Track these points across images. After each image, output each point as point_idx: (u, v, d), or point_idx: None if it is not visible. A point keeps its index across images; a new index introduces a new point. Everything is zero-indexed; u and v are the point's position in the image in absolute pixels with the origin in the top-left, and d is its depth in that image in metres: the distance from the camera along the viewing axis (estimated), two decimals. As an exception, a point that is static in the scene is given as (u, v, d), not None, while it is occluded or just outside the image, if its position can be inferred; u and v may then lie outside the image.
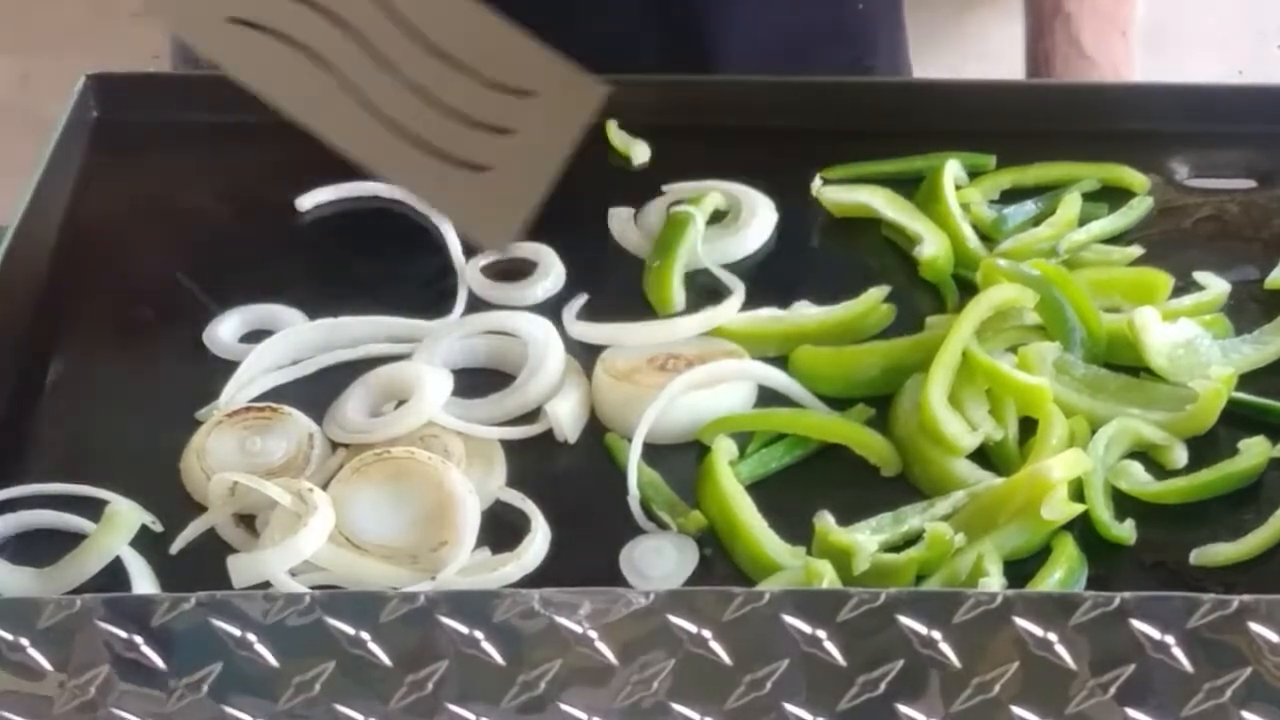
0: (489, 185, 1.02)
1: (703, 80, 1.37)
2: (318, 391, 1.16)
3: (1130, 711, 0.90)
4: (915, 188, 1.29)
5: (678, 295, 1.21)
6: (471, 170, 1.02)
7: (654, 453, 1.11)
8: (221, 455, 1.10)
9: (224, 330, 1.20)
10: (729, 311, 1.19)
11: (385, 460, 1.08)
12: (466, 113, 1.01)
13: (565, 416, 1.13)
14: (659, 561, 1.06)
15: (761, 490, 1.09)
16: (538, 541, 1.06)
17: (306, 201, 1.28)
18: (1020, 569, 1.04)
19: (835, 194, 1.29)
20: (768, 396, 1.15)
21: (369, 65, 1.02)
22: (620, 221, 1.28)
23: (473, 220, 1.05)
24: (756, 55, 1.45)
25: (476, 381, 1.16)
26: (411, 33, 1.01)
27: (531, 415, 1.14)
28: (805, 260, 1.25)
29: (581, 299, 1.21)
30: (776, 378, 1.15)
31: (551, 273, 1.23)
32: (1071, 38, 1.50)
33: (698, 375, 1.13)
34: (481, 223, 1.05)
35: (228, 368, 1.17)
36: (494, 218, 1.04)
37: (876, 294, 1.21)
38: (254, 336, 1.19)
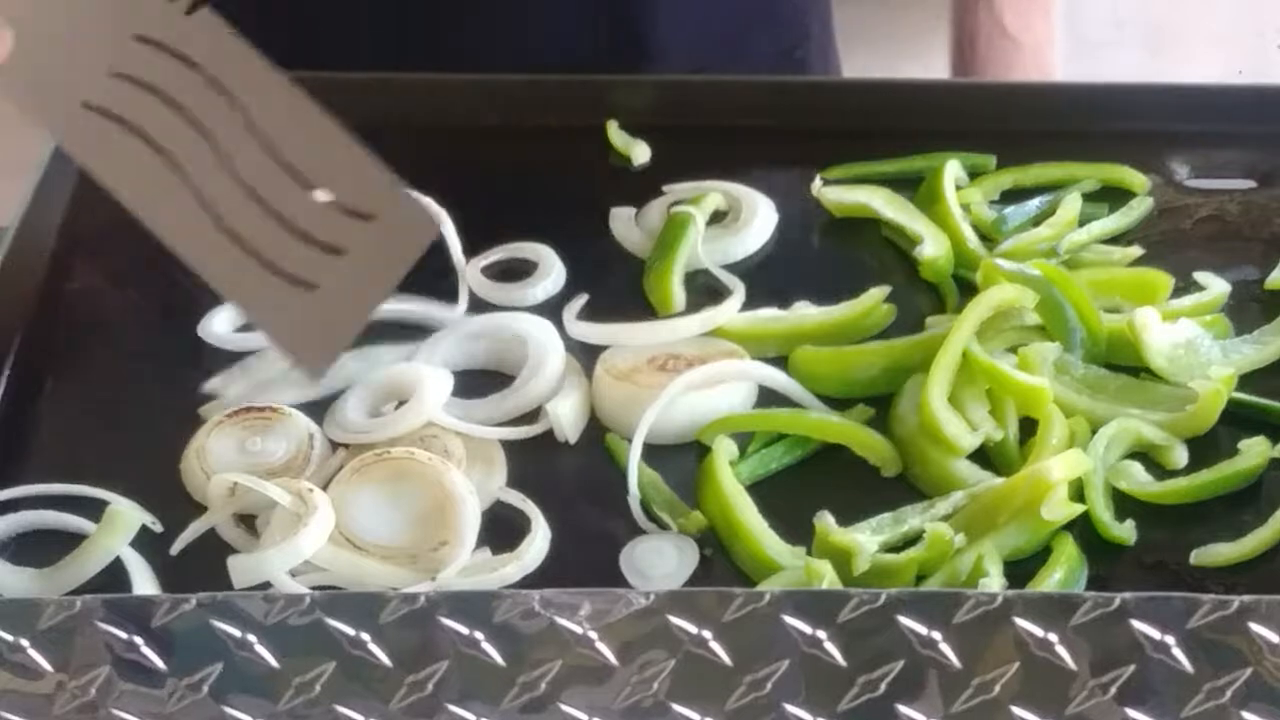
0: (314, 305, 1.01)
1: (703, 80, 1.37)
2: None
3: (1130, 712, 0.90)
4: (915, 188, 1.29)
5: (678, 295, 1.21)
6: (299, 287, 1.01)
7: (654, 453, 1.11)
8: (222, 455, 1.10)
9: (218, 322, 1.20)
10: (729, 311, 1.19)
11: (385, 460, 1.08)
12: (303, 227, 1.01)
13: (566, 416, 1.13)
14: (659, 561, 1.06)
15: (761, 490, 1.09)
16: (538, 541, 1.06)
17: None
18: (1020, 569, 1.04)
19: (835, 194, 1.29)
20: (768, 396, 1.15)
21: (214, 165, 1.01)
22: (621, 221, 1.28)
23: (292, 338, 1.04)
24: (690, 45, 1.45)
25: (476, 382, 1.16)
26: (260, 139, 1.01)
27: (531, 415, 1.14)
28: (805, 260, 1.25)
29: (582, 299, 1.21)
30: (776, 378, 1.15)
31: (552, 273, 1.23)
32: (995, 18, 1.50)
33: (698, 375, 1.13)
34: (302, 342, 1.04)
35: (226, 366, 1.18)
36: (314, 339, 1.03)
37: (876, 294, 1.21)
38: (251, 327, 1.19)
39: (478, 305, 1.22)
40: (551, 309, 1.21)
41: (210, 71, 1.00)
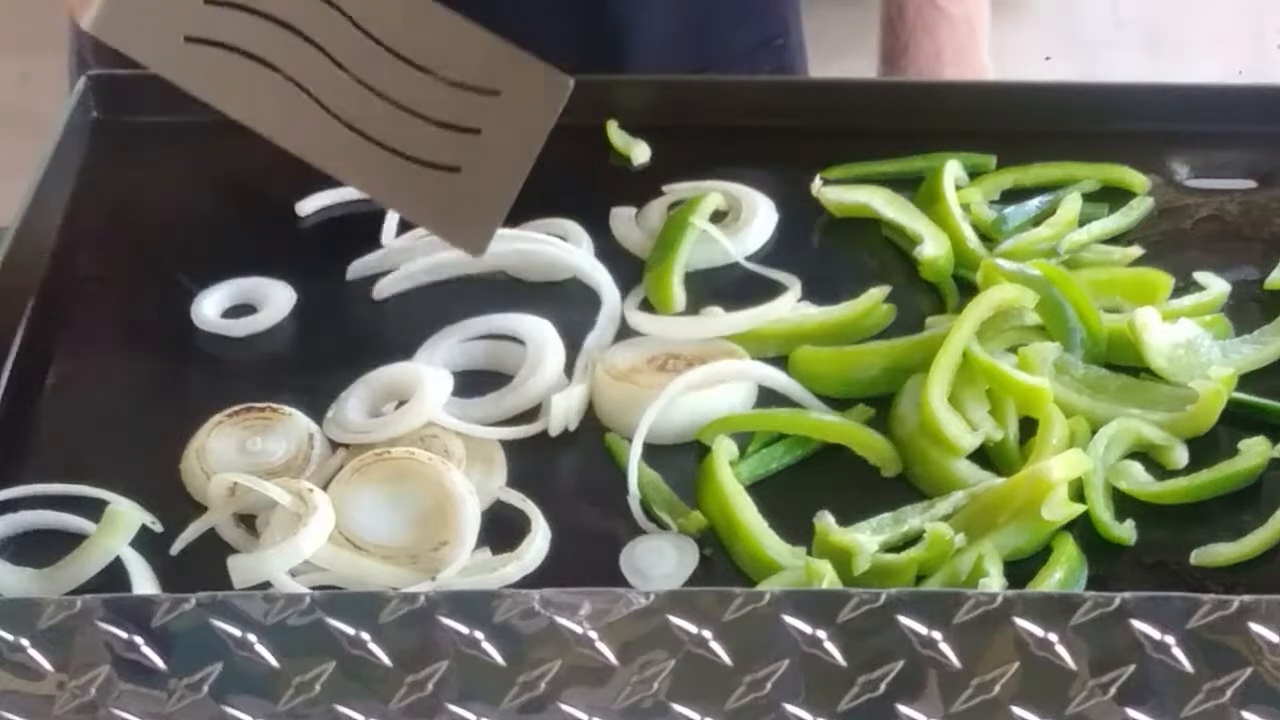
0: (460, 187, 1.01)
1: (703, 80, 1.37)
2: (317, 392, 1.16)
3: (1130, 712, 0.90)
4: (915, 188, 1.29)
5: (678, 295, 1.21)
6: (442, 172, 1.01)
7: (654, 453, 1.11)
8: (222, 455, 1.10)
9: (208, 306, 1.21)
10: (785, 305, 1.19)
11: (385, 460, 1.08)
12: (432, 114, 1.00)
13: (559, 405, 1.13)
14: (659, 561, 1.06)
15: (761, 490, 1.09)
16: (538, 541, 1.06)
17: (307, 206, 1.28)
18: (1020, 569, 1.04)
19: (835, 194, 1.29)
20: (768, 396, 1.15)
21: (330, 72, 1.01)
22: (622, 221, 1.28)
23: (448, 224, 1.04)
24: (669, 37, 1.44)
25: (477, 383, 1.16)
26: (371, 36, 1.00)
27: (530, 415, 1.14)
28: (805, 260, 1.25)
29: (641, 292, 1.21)
30: (776, 378, 1.15)
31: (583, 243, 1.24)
32: None
33: (698, 375, 1.13)
34: (457, 227, 1.04)
35: (227, 368, 1.18)
36: (469, 221, 1.03)
37: (876, 294, 1.21)
38: (236, 311, 1.19)
39: (478, 307, 1.22)
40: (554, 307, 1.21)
41: None
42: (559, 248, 1.23)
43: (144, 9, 1.02)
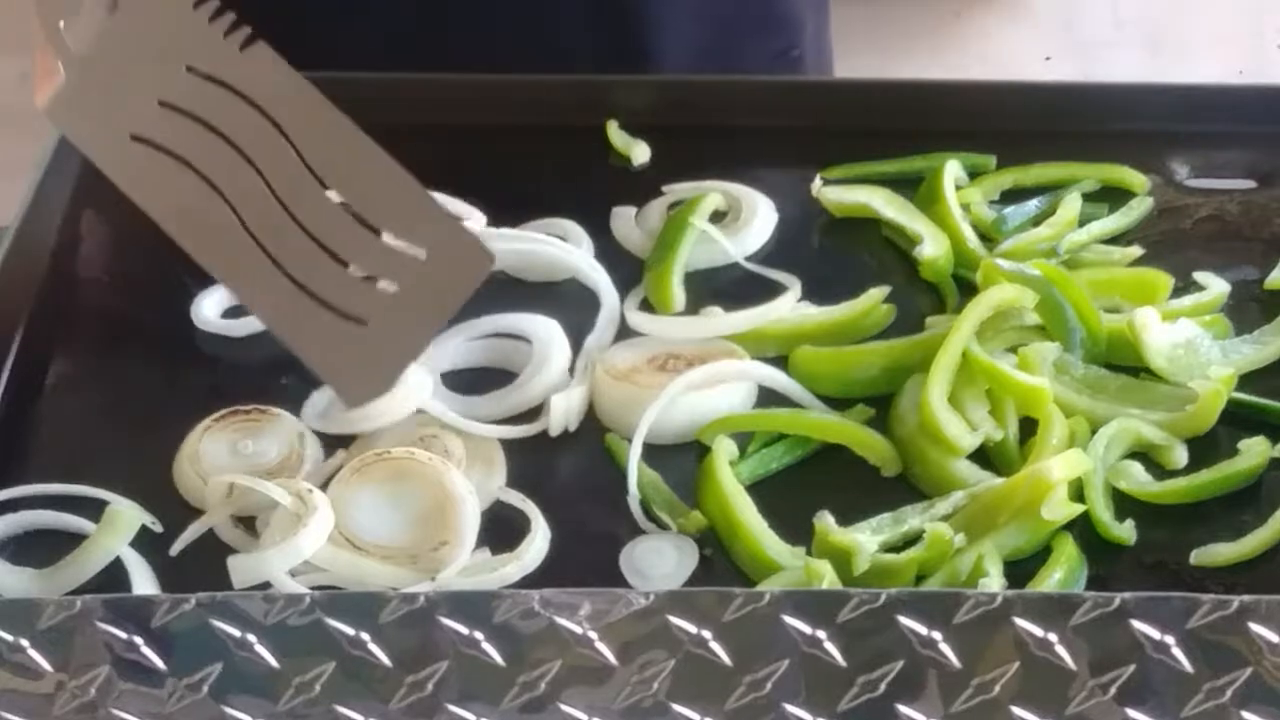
0: (363, 340, 1.01)
1: (703, 80, 1.37)
2: (314, 392, 1.16)
3: (1130, 712, 0.90)
4: (915, 188, 1.29)
5: (677, 295, 1.21)
6: (349, 322, 1.01)
7: (654, 453, 1.11)
8: (214, 458, 1.10)
9: (207, 306, 1.21)
10: (785, 305, 1.19)
11: (385, 461, 1.08)
12: (354, 262, 1.00)
13: (559, 405, 1.13)
14: (659, 561, 1.06)
15: (761, 490, 1.09)
16: (538, 541, 1.06)
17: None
18: (1020, 569, 1.04)
19: (835, 194, 1.29)
20: (768, 396, 1.15)
21: (264, 198, 1.01)
22: (622, 221, 1.28)
23: (338, 373, 1.04)
24: (690, 45, 1.45)
25: (482, 381, 1.16)
26: (312, 172, 1.00)
27: (531, 414, 1.14)
28: (805, 260, 1.25)
29: (641, 292, 1.22)
30: (776, 378, 1.15)
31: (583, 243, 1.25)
32: None
33: (698, 375, 1.13)
34: (347, 378, 1.04)
35: (227, 368, 1.18)
36: (360, 375, 1.03)
37: (876, 294, 1.21)
38: (236, 311, 1.19)
39: (478, 307, 1.21)
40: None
41: (263, 104, 1.00)
42: (558, 248, 1.23)
43: (98, 102, 1.02)
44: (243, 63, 1.00)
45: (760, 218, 1.27)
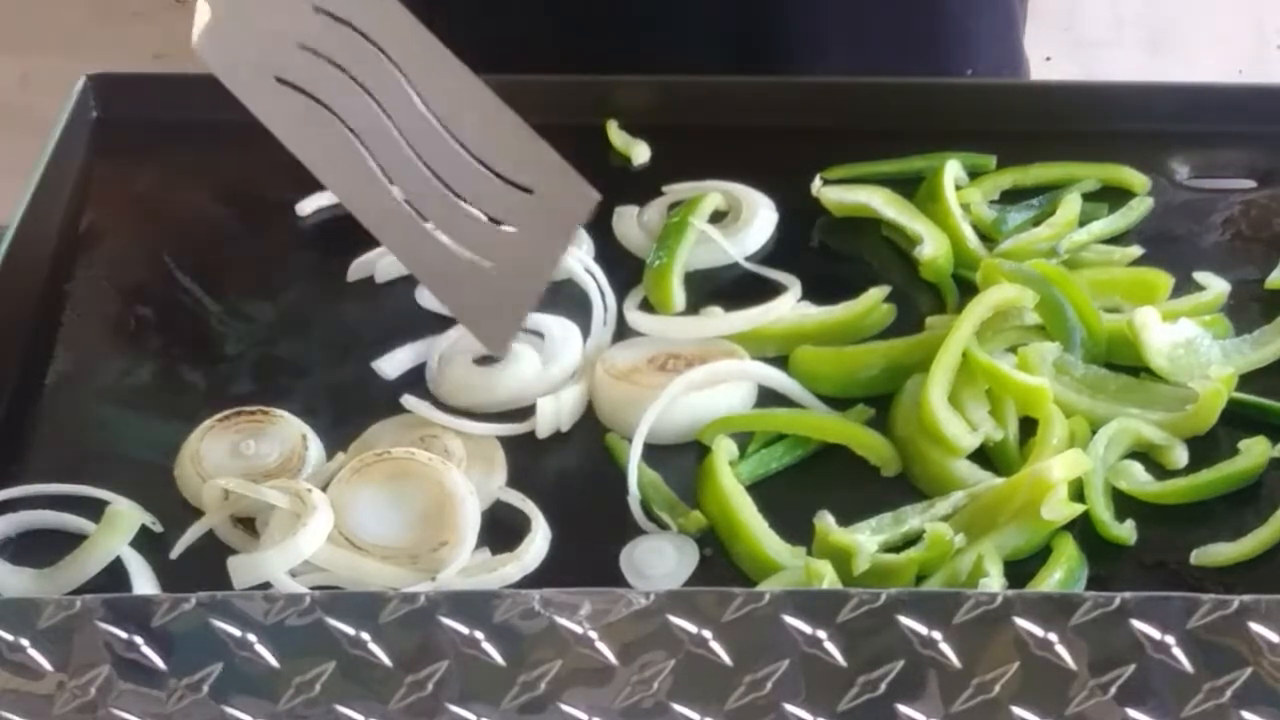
0: (491, 284, 1.03)
1: (703, 80, 1.37)
2: (318, 392, 1.16)
3: (1130, 712, 0.90)
4: (915, 188, 1.29)
5: (678, 295, 1.21)
6: (474, 263, 1.03)
7: (654, 453, 1.11)
8: (215, 459, 1.10)
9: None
10: (785, 305, 1.19)
11: (386, 461, 1.08)
12: (476, 204, 1.02)
13: (547, 409, 1.13)
14: (659, 561, 1.06)
15: (761, 490, 1.09)
16: (538, 542, 1.06)
17: (307, 206, 1.28)
18: (1020, 569, 1.04)
19: (835, 194, 1.29)
20: (768, 396, 1.15)
21: (394, 140, 1.02)
22: (624, 221, 1.28)
23: (478, 320, 1.06)
24: (842, 67, 1.43)
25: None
26: (431, 113, 1.02)
27: (524, 413, 1.14)
28: (805, 260, 1.25)
29: (641, 292, 1.22)
30: (776, 378, 1.15)
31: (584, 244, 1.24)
32: None
33: (698, 375, 1.13)
34: (485, 323, 1.06)
35: (226, 367, 1.18)
36: (495, 320, 1.05)
37: (877, 294, 1.21)
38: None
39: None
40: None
41: (384, 45, 1.02)
42: None
43: (242, 40, 1.04)
44: (363, 3, 1.02)
45: (760, 218, 1.27)
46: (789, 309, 1.20)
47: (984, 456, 1.11)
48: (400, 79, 1.02)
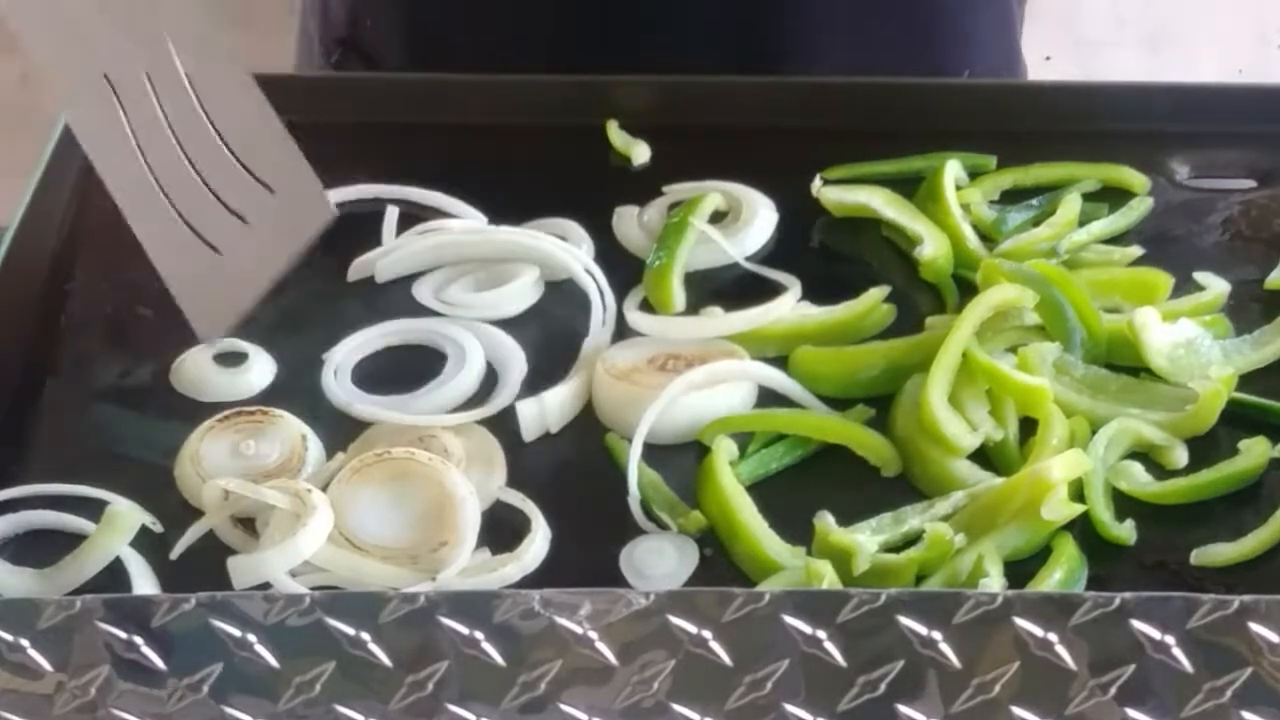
0: (217, 271, 1.04)
1: (703, 80, 1.37)
2: (318, 393, 1.16)
3: (1130, 712, 0.90)
4: (915, 188, 1.29)
5: (678, 295, 1.21)
6: (206, 247, 1.04)
7: (654, 453, 1.11)
8: (215, 459, 1.10)
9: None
10: (785, 305, 1.19)
11: (386, 461, 1.08)
12: (220, 192, 1.03)
13: (529, 413, 1.13)
14: (659, 561, 1.06)
15: (761, 490, 1.09)
16: (538, 542, 1.06)
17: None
18: (1020, 569, 1.04)
19: (835, 194, 1.29)
20: (768, 397, 1.15)
21: (157, 118, 1.03)
22: (624, 221, 1.28)
23: (195, 302, 1.07)
24: (841, 66, 1.43)
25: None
26: (199, 101, 1.03)
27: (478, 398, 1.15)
28: (805, 260, 1.25)
29: (641, 292, 1.22)
30: (776, 378, 1.15)
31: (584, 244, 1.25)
32: None
33: (698, 375, 1.13)
34: (202, 307, 1.06)
35: (224, 370, 1.18)
36: (213, 306, 1.06)
37: (877, 294, 1.21)
38: (227, 360, 1.18)
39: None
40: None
41: (167, 30, 1.04)
42: (554, 246, 1.23)
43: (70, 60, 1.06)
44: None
45: (760, 218, 1.27)
46: (789, 309, 1.20)
47: (984, 456, 1.11)
48: (175, 61, 1.03)
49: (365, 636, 0.91)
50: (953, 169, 1.28)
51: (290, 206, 1.03)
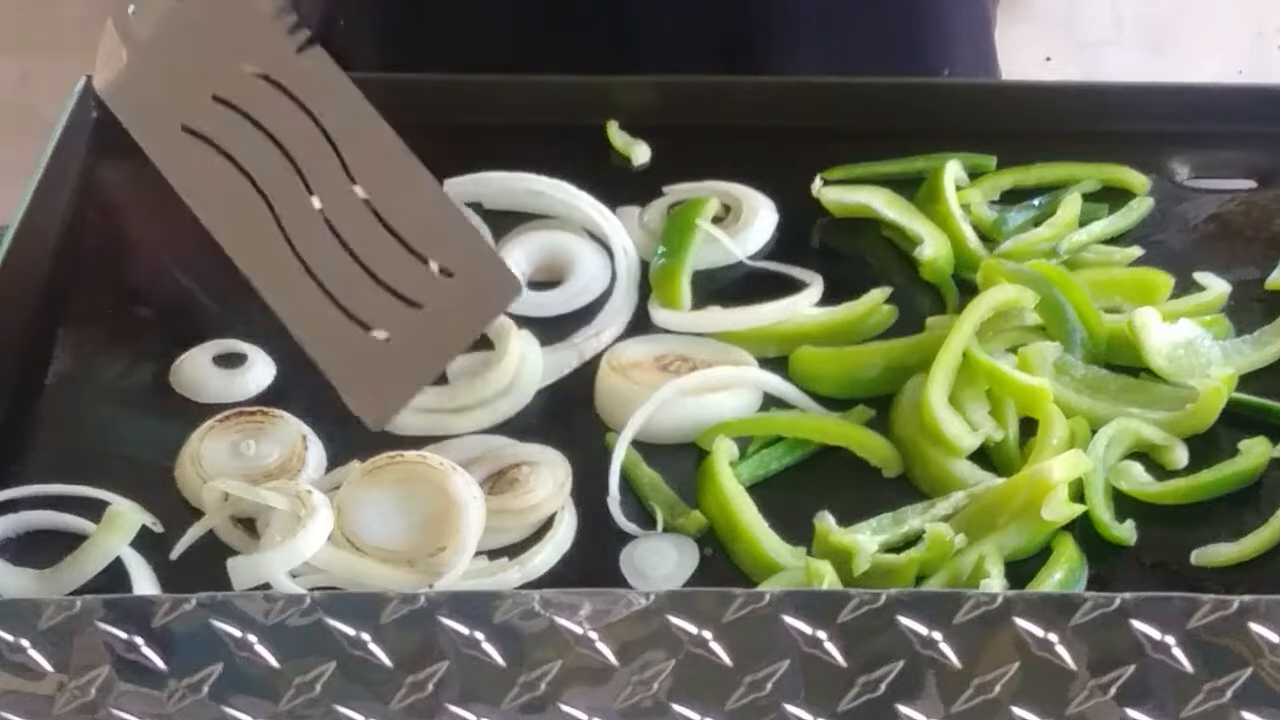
0: (382, 356, 1.01)
1: (703, 80, 1.37)
2: (318, 392, 1.16)
3: (1130, 712, 0.90)
4: (915, 188, 1.29)
5: (685, 294, 1.21)
6: (370, 335, 1.01)
7: (654, 453, 1.11)
8: (215, 459, 1.10)
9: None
10: (809, 300, 1.20)
11: (397, 464, 1.08)
12: (384, 277, 1.00)
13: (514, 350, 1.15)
14: (659, 562, 1.06)
15: (762, 491, 1.09)
16: (546, 551, 1.05)
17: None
18: (1020, 569, 1.04)
19: (835, 194, 1.29)
20: (769, 399, 1.15)
21: (304, 201, 1.00)
22: (624, 221, 1.28)
23: (355, 387, 1.03)
24: (816, 67, 1.43)
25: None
26: (354, 183, 1.00)
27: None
28: (805, 260, 1.25)
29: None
30: (774, 383, 1.15)
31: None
32: None
33: (689, 381, 1.13)
34: (364, 392, 1.03)
35: (224, 370, 1.18)
36: (378, 394, 1.02)
37: (877, 295, 1.21)
38: (226, 361, 1.18)
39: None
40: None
41: (313, 109, 0.99)
42: (569, 194, 1.25)
43: (154, 89, 1.02)
44: (299, 65, 1.00)
45: (760, 218, 1.27)
46: (812, 304, 1.20)
47: (984, 457, 1.11)
48: (325, 145, 1.00)
49: (366, 637, 0.91)
50: (953, 169, 1.28)
51: (472, 287, 1.00)
